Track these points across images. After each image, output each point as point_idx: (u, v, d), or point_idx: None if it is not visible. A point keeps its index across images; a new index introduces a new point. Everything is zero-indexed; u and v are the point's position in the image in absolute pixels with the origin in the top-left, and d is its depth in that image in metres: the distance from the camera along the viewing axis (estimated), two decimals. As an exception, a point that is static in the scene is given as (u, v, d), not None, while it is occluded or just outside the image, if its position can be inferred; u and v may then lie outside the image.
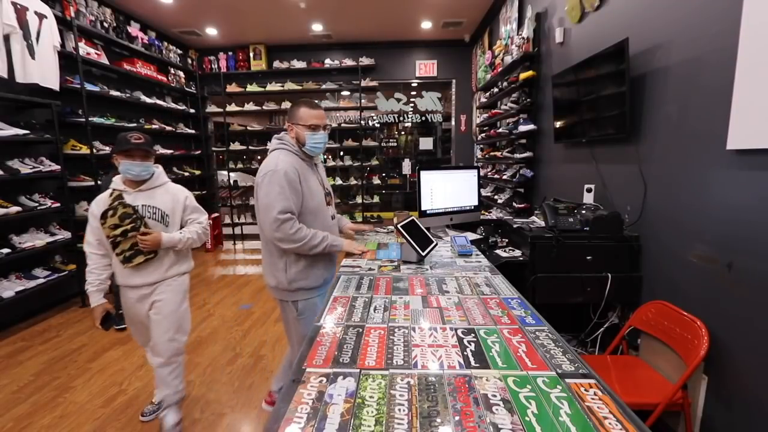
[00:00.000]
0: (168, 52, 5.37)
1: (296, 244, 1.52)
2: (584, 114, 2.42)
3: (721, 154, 1.42)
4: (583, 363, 0.86)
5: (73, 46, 3.66)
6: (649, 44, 1.88)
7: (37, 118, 3.34)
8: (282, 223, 1.49)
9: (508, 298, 1.29)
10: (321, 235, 1.57)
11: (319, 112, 1.62)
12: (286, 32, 5.47)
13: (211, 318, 3.27)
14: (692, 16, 1.62)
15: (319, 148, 1.65)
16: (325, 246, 1.57)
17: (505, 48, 4.02)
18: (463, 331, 1.04)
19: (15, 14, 2.97)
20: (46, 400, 2.15)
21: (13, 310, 3.13)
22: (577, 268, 2.00)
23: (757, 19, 1.27)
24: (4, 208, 2.89)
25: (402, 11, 4.77)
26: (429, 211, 2.23)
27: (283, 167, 1.52)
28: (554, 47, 3.01)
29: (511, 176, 3.81)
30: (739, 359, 1.40)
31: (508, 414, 0.70)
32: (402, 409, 0.71)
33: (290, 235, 1.50)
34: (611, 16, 2.24)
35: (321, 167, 1.81)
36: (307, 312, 1.65)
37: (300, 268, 1.61)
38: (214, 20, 5.04)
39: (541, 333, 1.02)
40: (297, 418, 0.69)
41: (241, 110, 6.03)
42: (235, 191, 6.34)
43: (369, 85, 5.86)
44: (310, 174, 1.65)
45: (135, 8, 4.57)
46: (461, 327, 1.07)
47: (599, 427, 0.65)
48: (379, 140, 6.44)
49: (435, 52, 6.00)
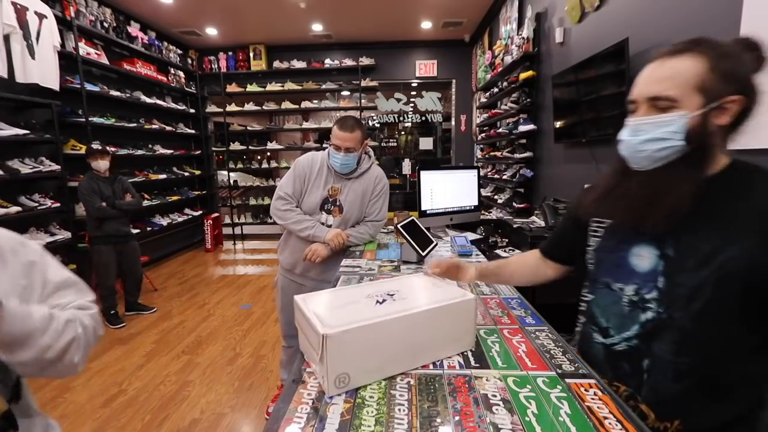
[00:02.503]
0: (168, 52, 5.37)
1: (281, 221, 1.77)
2: (584, 114, 2.42)
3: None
4: (583, 363, 0.86)
5: (73, 46, 3.66)
6: (649, 44, 1.88)
7: (37, 118, 3.34)
8: (277, 198, 1.78)
9: (508, 298, 1.29)
10: (307, 223, 1.74)
11: (343, 134, 1.69)
12: (286, 32, 5.47)
13: (211, 318, 3.27)
14: (692, 16, 1.62)
15: (336, 166, 1.74)
16: (307, 234, 1.74)
17: (505, 48, 4.02)
18: (463, 331, 1.04)
19: (15, 14, 2.97)
20: (46, 400, 2.15)
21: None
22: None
23: (757, 20, 1.27)
24: (4, 208, 2.90)
25: (402, 11, 4.77)
26: (429, 211, 2.23)
27: (302, 158, 1.81)
28: (554, 47, 3.01)
29: (511, 176, 3.82)
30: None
31: (508, 414, 0.70)
32: (402, 409, 0.71)
33: (279, 210, 1.76)
34: (611, 16, 2.24)
35: (359, 185, 1.81)
36: (281, 287, 1.91)
37: (282, 244, 1.89)
38: (214, 20, 5.05)
39: (541, 333, 1.02)
40: (297, 418, 0.69)
41: (241, 110, 6.03)
42: (235, 191, 6.34)
43: (369, 85, 5.86)
44: (321, 179, 1.78)
45: (135, 8, 4.57)
46: (461, 327, 1.06)
47: (599, 427, 0.65)
48: (379, 140, 6.45)
49: (435, 52, 6.00)
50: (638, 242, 0.77)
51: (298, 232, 1.76)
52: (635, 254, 0.77)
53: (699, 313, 0.68)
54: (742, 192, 0.69)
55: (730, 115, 0.68)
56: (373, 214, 1.87)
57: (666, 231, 0.72)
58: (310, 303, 0.84)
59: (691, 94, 0.67)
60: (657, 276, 0.73)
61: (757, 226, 0.65)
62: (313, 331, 0.72)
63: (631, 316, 0.77)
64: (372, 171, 1.86)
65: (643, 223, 0.74)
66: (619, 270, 0.80)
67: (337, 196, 1.80)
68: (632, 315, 0.77)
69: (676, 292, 0.70)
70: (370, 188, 1.84)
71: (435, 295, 0.91)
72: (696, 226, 0.70)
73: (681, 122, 0.68)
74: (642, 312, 0.75)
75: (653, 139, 0.70)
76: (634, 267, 0.77)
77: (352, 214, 1.82)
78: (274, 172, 6.61)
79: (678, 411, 0.72)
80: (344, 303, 0.86)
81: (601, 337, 0.84)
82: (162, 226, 4.90)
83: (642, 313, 0.75)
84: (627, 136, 0.75)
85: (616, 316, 0.81)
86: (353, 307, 0.83)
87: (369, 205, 1.86)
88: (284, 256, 1.88)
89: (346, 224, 1.83)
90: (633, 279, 0.77)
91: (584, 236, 0.91)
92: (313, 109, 6.06)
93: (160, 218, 5.02)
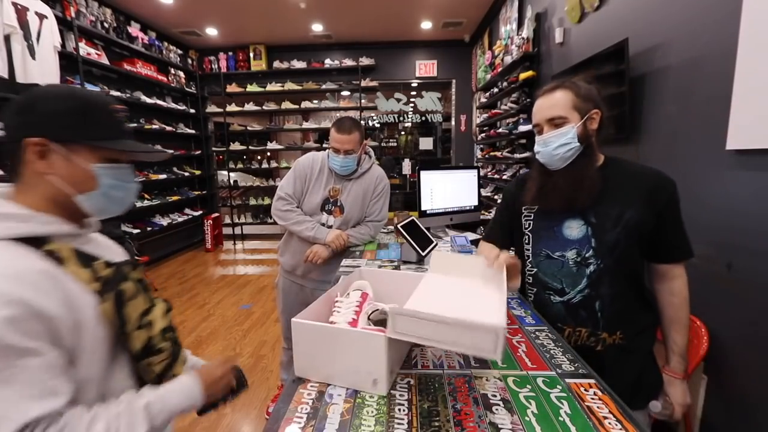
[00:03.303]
0: (168, 52, 5.37)
1: (281, 221, 1.77)
2: (584, 114, 2.42)
3: (721, 154, 1.42)
4: (582, 363, 0.86)
5: (73, 47, 3.66)
6: (649, 44, 1.88)
7: (37, 119, 3.34)
8: (278, 199, 1.78)
9: (508, 298, 1.29)
10: (307, 224, 1.74)
11: (341, 137, 1.68)
12: (286, 32, 5.47)
13: (211, 318, 3.27)
14: (692, 17, 1.62)
15: (336, 168, 1.74)
16: (308, 235, 1.74)
17: (505, 48, 4.02)
18: (463, 331, 1.04)
19: (15, 14, 2.97)
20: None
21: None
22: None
23: (756, 20, 1.27)
24: (4, 209, 2.90)
25: (402, 11, 4.77)
26: (429, 211, 2.23)
27: (303, 159, 1.81)
28: (554, 47, 3.01)
29: (511, 176, 3.82)
30: (739, 359, 1.40)
31: (508, 414, 0.70)
32: (402, 409, 0.71)
33: (280, 210, 1.77)
34: (611, 17, 2.24)
35: (360, 185, 1.81)
36: (282, 288, 1.92)
37: (282, 246, 1.89)
38: (214, 20, 5.05)
39: (541, 333, 1.02)
40: (297, 418, 0.69)
41: (241, 110, 6.03)
42: (235, 191, 6.34)
43: (369, 85, 5.86)
44: (322, 179, 1.78)
45: (135, 9, 4.57)
46: (461, 327, 1.06)
47: (599, 427, 0.65)
48: (379, 140, 6.45)
49: (435, 52, 6.00)
50: (567, 218, 1.07)
51: (299, 232, 1.75)
52: (567, 227, 1.07)
53: (620, 257, 1.01)
54: (621, 173, 1.04)
55: (597, 122, 1.03)
56: (373, 214, 1.88)
57: (585, 207, 1.03)
58: (422, 305, 0.77)
59: (572, 112, 1.01)
60: (589, 239, 1.03)
61: (638, 194, 1.00)
62: (475, 332, 0.68)
63: (580, 272, 1.05)
64: (373, 171, 1.86)
65: (574, 204, 1.03)
66: (555, 242, 1.08)
67: (338, 197, 1.80)
68: (580, 272, 1.05)
69: (605, 246, 1.01)
70: (370, 188, 1.84)
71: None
72: (604, 199, 1.02)
73: (573, 131, 1.00)
74: (586, 267, 1.04)
75: (560, 145, 1.01)
76: (568, 237, 1.07)
77: (353, 214, 1.82)
78: (274, 172, 6.61)
79: (619, 325, 1.04)
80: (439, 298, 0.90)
81: (559, 297, 1.09)
82: (162, 226, 4.90)
83: (586, 268, 1.04)
84: (542, 147, 1.05)
85: (567, 276, 1.07)
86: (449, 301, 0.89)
87: (370, 206, 1.86)
88: (285, 258, 1.88)
89: (347, 224, 1.83)
90: (570, 246, 1.06)
91: (519, 222, 1.18)
92: (313, 109, 6.06)
93: (160, 218, 5.02)
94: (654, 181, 1.01)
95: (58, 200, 0.64)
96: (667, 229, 1.01)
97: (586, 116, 1.01)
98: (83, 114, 0.64)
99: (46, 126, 0.62)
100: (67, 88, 0.65)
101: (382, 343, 0.72)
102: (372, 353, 0.74)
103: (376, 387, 0.75)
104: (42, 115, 0.62)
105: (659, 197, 0.99)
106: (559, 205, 1.05)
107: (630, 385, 1.01)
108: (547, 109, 1.04)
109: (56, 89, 0.65)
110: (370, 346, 0.73)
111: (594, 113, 1.02)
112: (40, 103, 0.62)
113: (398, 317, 0.70)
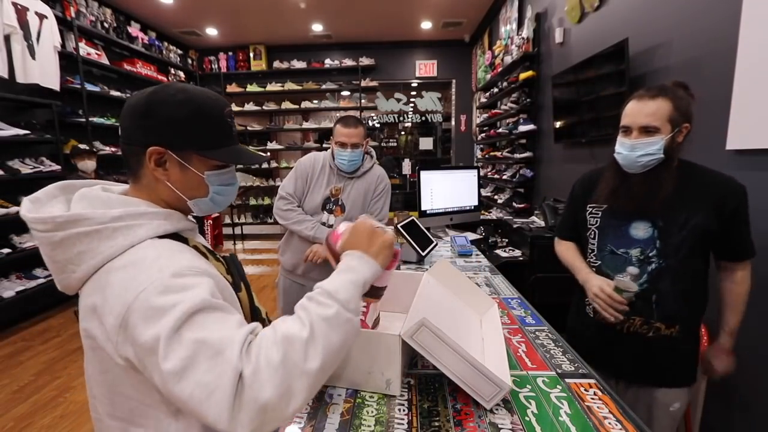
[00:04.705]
0: (168, 52, 5.37)
1: (282, 221, 1.77)
2: (584, 114, 2.42)
3: (721, 154, 1.42)
4: (583, 363, 0.86)
5: (73, 47, 3.66)
6: (649, 44, 1.88)
7: (37, 119, 3.34)
8: (279, 198, 1.79)
9: (508, 298, 1.29)
10: (308, 224, 1.74)
11: (348, 130, 1.70)
12: (286, 32, 5.47)
13: (211, 318, 3.27)
14: (692, 17, 1.62)
15: (344, 164, 1.74)
16: (308, 235, 1.74)
17: (505, 48, 4.02)
18: (463, 331, 1.04)
19: (15, 14, 2.97)
20: (47, 399, 2.15)
21: (13, 310, 3.12)
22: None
23: (756, 20, 1.28)
24: (4, 208, 2.90)
25: (402, 11, 4.77)
26: (429, 211, 2.23)
27: (304, 158, 1.82)
28: (554, 47, 3.01)
29: (511, 176, 3.82)
30: (739, 359, 1.40)
31: (508, 414, 0.70)
32: (402, 409, 0.71)
33: (281, 210, 1.77)
34: (611, 17, 2.24)
35: (361, 184, 1.82)
36: (283, 288, 1.91)
37: (283, 245, 1.88)
38: (214, 20, 5.05)
39: (541, 333, 1.02)
40: (297, 418, 0.69)
41: (241, 110, 6.03)
42: (235, 191, 6.34)
43: (369, 85, 5.86)
44: (323, 178, 1.79)
45: (135, 9, 4.57)
46: (461, 327, 1.06)
47: (599, 427, 0.65)
48: (379, 140, 6.44)
49: (435, 52, 6.00)
50: (635, 220, 1.12)
51: (299, 232, 1.76)
52: (633, 227, 1.13)
53: (683, 257, 1.06)
54: (693, 180, 1.08)
55: (684, 135, 1.05)
56: (374, 213, 1.88)
57: (655, 210, 1.09)
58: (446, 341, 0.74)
59: (666, 124, 1.03)
60: (655, 240, 1.09)
61: (708, 202, 1.04)
62: (485, 380, 0.71)
63: (641, 269, 1.11)
64: (374, 170, 1.87)
65: (646, 210, 1.09)
66: (621, 240, 1.14)
67: (339, 196, 1.80)
68: (642, 269, 1.11)
69: (669, 248, 1.07)
70: (372, 187, 1.85)
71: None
72: (673, 205, 1.07)
73: (661, 143, 1.03)
74: (648, 265, 1.10)
75: (645, 154, 1.05)
76: (634, 236, 1.12)
77: (354, 213, 1.82)
78: (274, 172, 6.61)
79: (676, 319, 1.10)
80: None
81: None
82: (162, 226, 4.89)
83: (648, 266, 1.10)
84: (626, 151, 1.08)
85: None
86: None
87: (371, 205, 1.87)
88: (286, 258, 1.89)
89: None
90: (635, 245, 1.12)
91: (583, 216, 1.24)
92: (313, 109, 6.06)
93: (160, 218, 5.02)
94: (724, 190, 1.05)
95: (171, 202, 0.68)
96: (732, 233, 1.06)
97: (677, 129, 1.03)
98: (199, 123, 0.65)
99: (164, 134, 0.63)
100: (183, 91, 0.65)
101: (397, 344, 0.72)
102: (386, 354, 0.74)
103: (390, 388, 0.75)
104: (161, 121, 0.62)
105: (728, 205, 1.03)
106: (631, 208, 1.10)
107: (668, 370, 1.13)
108: (644, 116, 1.04)
109: (173, 92, 0.64)
110: (385, 347, 0.73)
111: (684, 127, 1.03)
112: (159, 108, 0.62)
113: (424, 329, 0.71)
